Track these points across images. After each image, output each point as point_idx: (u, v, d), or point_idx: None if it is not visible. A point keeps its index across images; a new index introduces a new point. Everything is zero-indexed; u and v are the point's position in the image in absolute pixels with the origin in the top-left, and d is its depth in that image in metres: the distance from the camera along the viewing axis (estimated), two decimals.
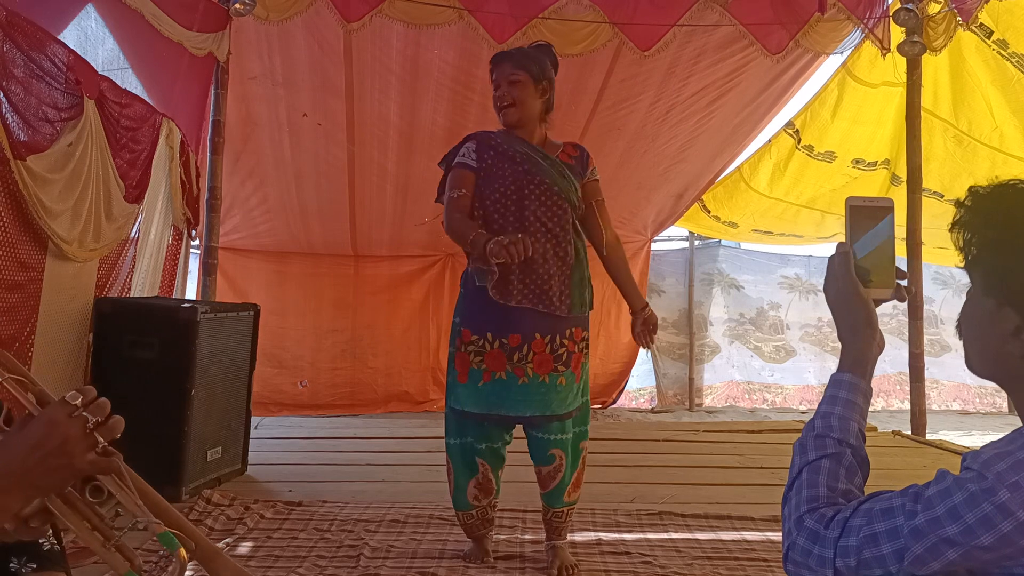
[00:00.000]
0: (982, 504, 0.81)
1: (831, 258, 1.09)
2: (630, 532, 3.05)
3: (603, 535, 3.00)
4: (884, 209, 1.10)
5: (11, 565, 1.73)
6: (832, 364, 5.78)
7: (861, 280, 1.06)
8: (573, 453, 2.62)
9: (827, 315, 7.52)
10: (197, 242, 5.09)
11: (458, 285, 7.25)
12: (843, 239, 1.10)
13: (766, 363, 7.67)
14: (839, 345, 1.08)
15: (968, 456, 0.87)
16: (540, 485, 2.66)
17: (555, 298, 2.51)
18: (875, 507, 0.89)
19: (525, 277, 2.50)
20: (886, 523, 0.87)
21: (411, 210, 6.16)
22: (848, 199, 1.10)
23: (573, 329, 2.58)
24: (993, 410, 7.61)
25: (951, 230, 0.95)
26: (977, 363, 0.98)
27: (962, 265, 0.96)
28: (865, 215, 1.09)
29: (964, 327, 0.99)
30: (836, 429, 1.01)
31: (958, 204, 0.95)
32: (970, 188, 0.95)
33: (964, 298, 1.01)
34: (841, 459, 0.99)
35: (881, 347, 1.06)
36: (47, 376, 3.05)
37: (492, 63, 2.69)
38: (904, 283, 1.09)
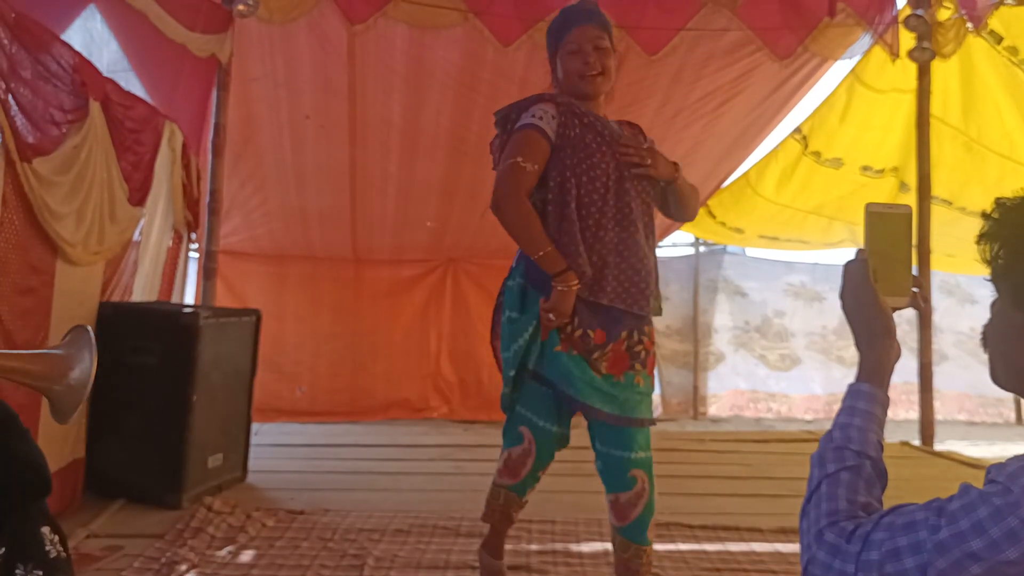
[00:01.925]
0: (1007, 518, 0.80)
1: (848, 265, 1.08)
2: None
3: (610, 546, 2.96)
4: (902, 216, 1.09)
5: (17, 571, 1.70)
6: (837, 373, 5.76)
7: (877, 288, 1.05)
8: (652, 475, 2.22)
9: (832, 323, 7.56)
10: (195, 246, 5.05)
11: (460, 290, 7.09)
12: (849, 246, 1.09)
13: (771, 371, 7.62)
14: (844, 354, 1.07)
15: (993, 469, 0.86)
16: (617, 517, 2.22)
17: (651, 298, 2.21)
18: (897, 521, 0.87)
19: (621, 275, 2.17)
20: (908, 537, 0.85)
21: (413, 214, 6.13)
22: (867, 205, 1.08)
23: (649, 328, 2.26)
24: (999, 420, 7.57)
25: (978, 242, 0.94)
26: (1004, 377, 0.97)
27: (989, 278, 0.95)
28: (883, 222, 1.08)
29: (991, 340, 0.98)
30: (855, 441, 0.99)
31: (985, 216, 0.94)
32: (997, 200, 0.94)
33: (964, 307, 0.99)
34: (860, 471, 0.97)
35: (898, 356, 1.05)
36: None
37: (567, 18, 2.28)
38: (919, 291, 1.09)
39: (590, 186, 2.18)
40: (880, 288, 1.05)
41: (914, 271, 1.13)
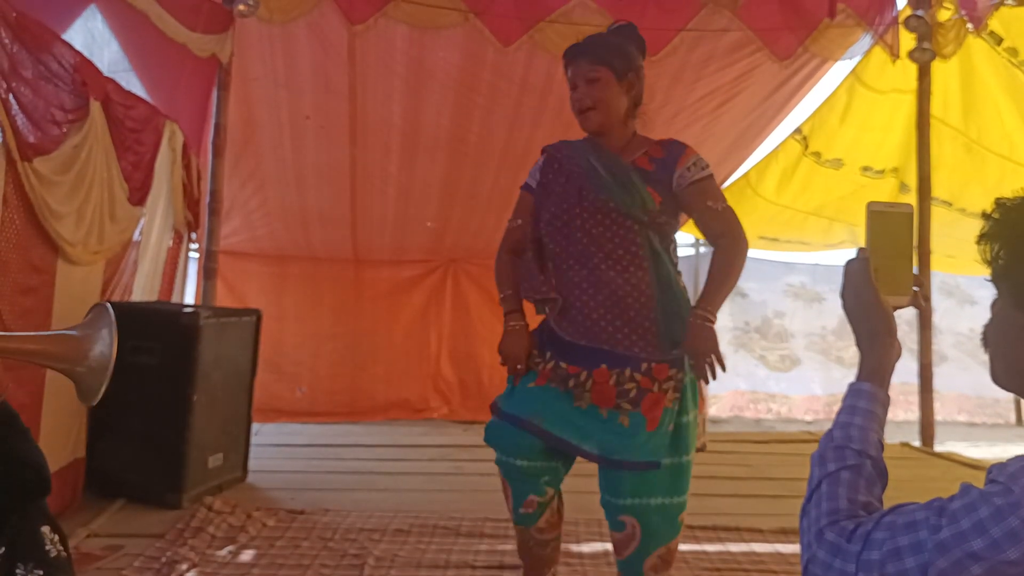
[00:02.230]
0: (1008, 518, 0.79)
1: (849, 264, 1.08)
2: None
3: (610, 546, 2.96)
4: (904, 215, 1.08)
5: (17, 571, 1.70)
6: (837, 373, 5.75)
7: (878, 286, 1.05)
8: (660, 524, 2.09)
9: (832, 324, 7.56)
10: (195, 246, 5.05)
11: (460, 291, 7.11)
12: (850, 247, 1.08)
13: (771, 372, 7.63)
14: (843, 354, 1.07)
15: (994, 468, 0.85)
16: (615, 550, 2.19)
17: (624, 335, 2.09)
18: (898, 520, 0.87)
19: (593, 313, 2.10)
20: (909, 537, 0.85)
21: (413, 214, 6.13)
22: (869, 204, 1.08)
23: (653, 364, 2.09)
24: (999, 421, 7.58)
25: (978, 243, 0.94)
26: (1004, 377, 0.97)
27: (990, 278, 0.95)
28: (885, 220, 1.07)
29: (992, 340, 0.98)
30: (856, 440, 0.99)
31: (985, 217, 0.94)
32: (997, 200, 0.94)
33: (964, 308, 0.99)
34: (861, 471, 0.97)
35: (899, 355, 1.05)
36: (60, 383, 3.02)
37: (566, 58, 2.25)
38: (919, 290, 1.08)
39: (549, 228, 2.19)
40: (881, 287, 1.05)
41: (914, 270, 1.13)
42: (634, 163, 2.20)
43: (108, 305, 1.52)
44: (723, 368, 2.08)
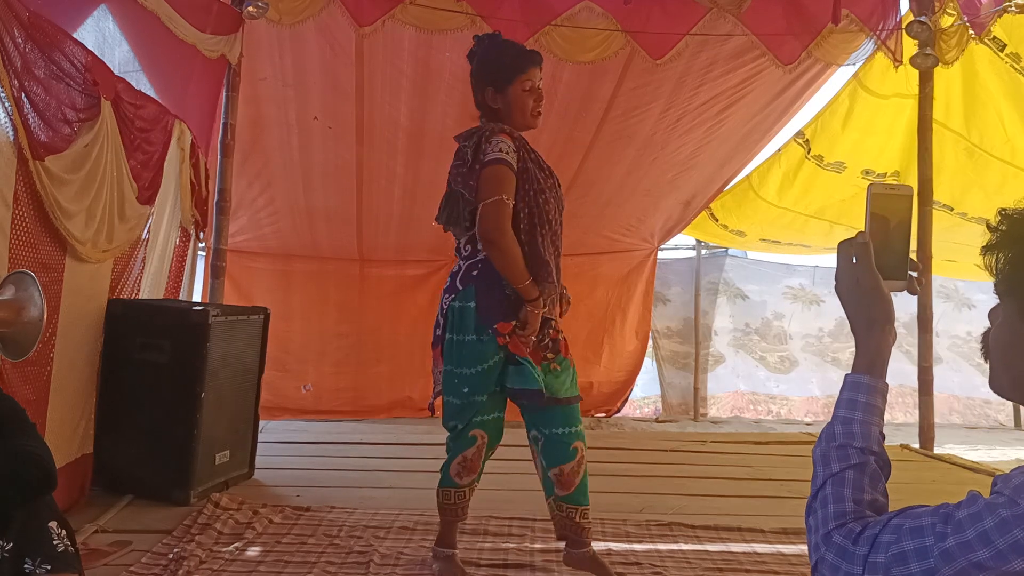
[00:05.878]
0: (1014, 530, 0.80)
1: (847, 246, 1.05)
2: (640, 543, 3.05)
3: (613, 545, 3.00)
4: (904, 197, 1.05)
5: (25, 566, 1.73)
6: (834, 375, 5.73)
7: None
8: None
9: (829, 326, 7.56)
10: (202, 244, 5.08)
11: None
12: None
13: (771, 373, 7.66)
14: (840, 356, 1.06)
15: (999, 480, 0.86)
16: (561, 486, 2.53)
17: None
18: (905, 524, 0.87)
19: (555, 293, 2.58)
20: (915, 542, 0.85)
21: (419, 214, 6.15)
22: (870, 185, 1.05)
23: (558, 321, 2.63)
24: (993, 424, 7.62)
25: (983, 254, 0.93)
26: (1010, 389, 0.97)
27: (994, 289, 0.95)
28: (884, 203, 1.04)
29: (994, 350, 0.97)
30: (858, 437, 0.98)
31: (990, 228, 0.93)
32: (1001, 211, 0.93)
33: (961, 311, 0.99)
34: (865, 468, 0.97)
35: (894, 340, 1.03)
36: (67, 379, 3.05)
37: (524, 55, 2.64)
38: (916, 275, 1.06)
39: (542, 218, 2.47)
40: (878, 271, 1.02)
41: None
42: None
43: (27, 272, 1.68)
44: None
